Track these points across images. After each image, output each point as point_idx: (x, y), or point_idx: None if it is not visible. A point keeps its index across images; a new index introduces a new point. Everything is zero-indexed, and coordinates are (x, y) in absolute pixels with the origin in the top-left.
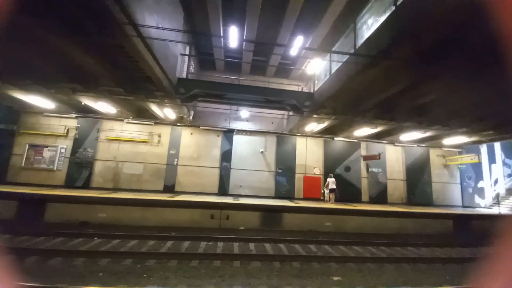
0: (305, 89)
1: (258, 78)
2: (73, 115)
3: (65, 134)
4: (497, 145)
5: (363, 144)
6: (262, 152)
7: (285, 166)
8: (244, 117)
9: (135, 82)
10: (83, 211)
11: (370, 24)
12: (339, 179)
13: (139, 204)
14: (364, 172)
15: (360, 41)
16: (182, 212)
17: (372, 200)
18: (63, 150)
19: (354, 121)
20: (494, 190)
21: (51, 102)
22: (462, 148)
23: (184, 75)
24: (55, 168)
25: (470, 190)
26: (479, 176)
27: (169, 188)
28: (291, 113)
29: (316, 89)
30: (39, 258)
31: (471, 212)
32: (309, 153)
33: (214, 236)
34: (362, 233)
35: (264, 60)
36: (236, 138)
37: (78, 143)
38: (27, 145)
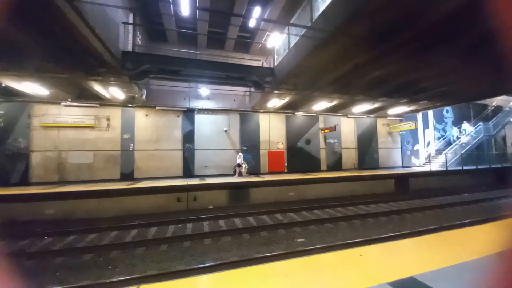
0: (266, 64)
1: (217, 53)
2: None
3: None
4: (430, 113)
5: (321, 118)
6: (226, 130)
7: (249, 143)
8: (205, 95)
9: (72, 55)
10: (26, 209)
11: None
12: (301, 151)
13: (93, 196)
14: (322, 144)
15: (316, 14)
16: (145, 199)
17: (330, 168)
18: None
19: (313, 96)
20: (427, 151)
21: None
22: (403, 117)
23: (129, 48)
24: None
25: (408, 152)
26: (415, 140)
27: (127, 176)
28: (252, 89)
29: (276, 64)
30: None
31: (408, 172)
32: (272, 129)
33: (182, 218)
34: (321, 198)
35: (222, 32)
36: (198, 117)
37: (5, 133)
38: None
